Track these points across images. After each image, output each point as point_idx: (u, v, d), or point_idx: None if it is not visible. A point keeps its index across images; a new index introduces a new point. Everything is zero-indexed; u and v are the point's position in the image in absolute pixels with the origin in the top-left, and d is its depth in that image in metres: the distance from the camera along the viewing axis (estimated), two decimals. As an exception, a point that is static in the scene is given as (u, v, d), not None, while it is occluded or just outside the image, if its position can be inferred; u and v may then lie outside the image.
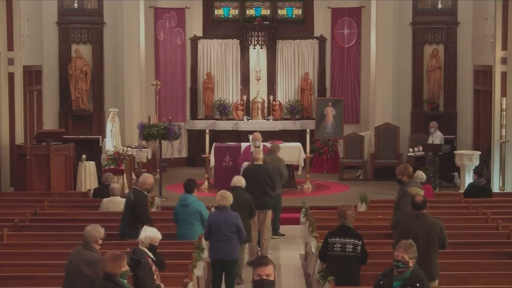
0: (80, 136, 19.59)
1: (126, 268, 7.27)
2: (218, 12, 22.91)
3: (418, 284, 7.25)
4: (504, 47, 17.30)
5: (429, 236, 9.01)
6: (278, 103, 22.22)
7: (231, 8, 22.91)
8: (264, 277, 5.76)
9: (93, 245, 8.10)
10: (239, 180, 11.93)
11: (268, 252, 13.09)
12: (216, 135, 21.48)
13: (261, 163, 13.26)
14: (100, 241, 8.19)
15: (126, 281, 7.36)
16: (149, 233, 8.57)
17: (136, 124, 17.69)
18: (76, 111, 20.56)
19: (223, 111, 22.11)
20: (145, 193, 11.03)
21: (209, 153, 18.39)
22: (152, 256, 8.41)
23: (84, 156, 17.46)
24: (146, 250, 8.40)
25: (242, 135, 20.59)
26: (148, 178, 11.10)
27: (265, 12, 22.78)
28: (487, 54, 18.36)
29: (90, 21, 20.63)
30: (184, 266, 9.51)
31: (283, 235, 14.81)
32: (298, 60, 22.48)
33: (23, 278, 9.15)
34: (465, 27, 20.57)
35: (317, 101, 21.49)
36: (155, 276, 8.30)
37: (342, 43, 22.24)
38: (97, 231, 8.16)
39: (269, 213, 13.24)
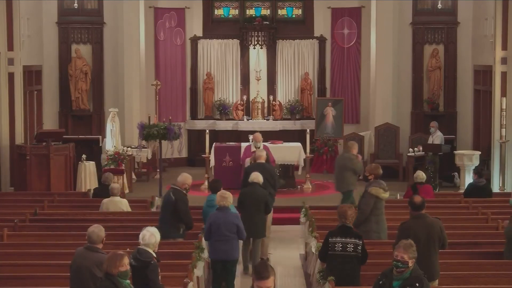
0: (80, 136, 19.59)
1: (125, 268, 7.25)
2: (218, 12, 22.90)
3: (417, 284, 7.25)
4: (504, 47, 17.31)
5: (429, 237, 9.01)
6: (278, 103, 22.20)
7: (231, 8, 22.89)
8: None
9: (98, 245, 8.10)
10: (256, 177, 12.09)
11: (268, 252, 13.10)
12: (216, 135, 21.46)
13: (263, 161, 13.29)
14: (104, 241, 8.20)
15: (128, 281, 7.34)
16: (158, 235, 8.52)
17: (136, 124, 17.71)
18: (76, 111, 20.55)
19: (223, 111, 22.09)
20: (184, 192, 11.00)
21: (209, 153, 18.37)
22: (156, 256, 8.41)
23: (84, 156, 17.48)
24: (150, 251, 8.37)
25: (242, 135, 20.58)
26: (187, 178, 11.04)
27: (265, 12, 22.77)
28: (487, 54, 18.36)
29: (90, 21, 20.62)
30: (184, 266, 9.51)
31: None
32: (298, 60, 22.46)
33: (23, 278, 9.13)
34: (465, 27, 20.56)
35: (317, 101, 21.48)
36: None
37: (342, 43, 22.23)
38: (101, 231, 8.17)
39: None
